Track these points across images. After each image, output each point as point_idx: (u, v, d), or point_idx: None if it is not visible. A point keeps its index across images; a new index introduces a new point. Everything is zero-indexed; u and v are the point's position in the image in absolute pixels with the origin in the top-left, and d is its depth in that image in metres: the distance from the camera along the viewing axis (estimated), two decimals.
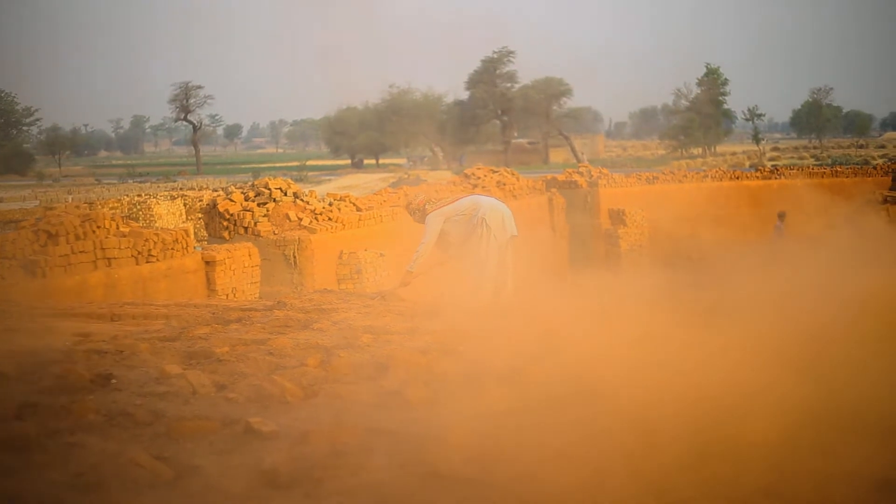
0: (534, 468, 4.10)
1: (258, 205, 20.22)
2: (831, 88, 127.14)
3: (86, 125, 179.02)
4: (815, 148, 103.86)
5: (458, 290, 10.57)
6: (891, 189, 33.31)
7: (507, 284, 10.51)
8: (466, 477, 3.97)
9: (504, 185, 29.60)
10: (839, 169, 38.85)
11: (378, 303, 9.34)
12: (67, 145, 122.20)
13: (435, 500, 3.81)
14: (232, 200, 20.25)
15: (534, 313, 8.12)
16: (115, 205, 31.30)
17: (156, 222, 29.26)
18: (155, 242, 15.98)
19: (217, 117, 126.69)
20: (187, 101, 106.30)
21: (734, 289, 7.25)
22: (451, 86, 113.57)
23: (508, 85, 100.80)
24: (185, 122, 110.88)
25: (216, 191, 36.72)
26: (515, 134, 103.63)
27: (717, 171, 37.27)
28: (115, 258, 15.12)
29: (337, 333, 7.30)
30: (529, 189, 31.48)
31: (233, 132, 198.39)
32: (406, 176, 58.17)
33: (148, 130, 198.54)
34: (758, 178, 36.37)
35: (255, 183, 21.86)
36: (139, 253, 15.60)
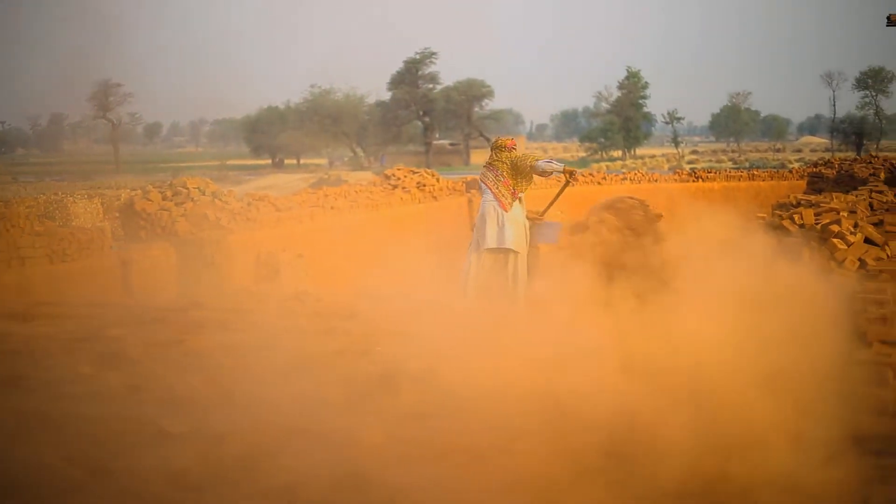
0: (449, 471, 4.12)
1: (176, 204, 19.99)
2: (750, 93, 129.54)
3: (2, 122, 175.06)
4: (733, 151, 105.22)
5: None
6: (805, 193, 33.86)
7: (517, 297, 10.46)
8: (382, 479, 3.98)
9: (424, 186, 29.58)
10: (756, 172, 39.43)
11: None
12: None
13: (351, 503, 3.82)
14: (149, 200, 20.00)
15: (448, 313, 8.15)
16: (32, 203, 30.76)
17: (72, 221, 28.83)
18: (70, 242, 15.75)
19: (137, 115, 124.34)
20: (107, 98, 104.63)
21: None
22: (373, 86, 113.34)
23: (430, 86, 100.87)
24: (104, 120, 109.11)
25: (134, 190, 36.22)
26: (437, 135, 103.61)
27: (636, 174, 37.56)
28: (29, 257, 14.89)
29: (254, 334, 7.25)
30: (449, 190, 31.49)
31: (153, 131, 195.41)
32: (326, 176, 57.78)
33: (66, 128, 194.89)
34: (676, 181, 36.79)
35: (174, 182, 21.59)
36: (54, 252, 15.37)
